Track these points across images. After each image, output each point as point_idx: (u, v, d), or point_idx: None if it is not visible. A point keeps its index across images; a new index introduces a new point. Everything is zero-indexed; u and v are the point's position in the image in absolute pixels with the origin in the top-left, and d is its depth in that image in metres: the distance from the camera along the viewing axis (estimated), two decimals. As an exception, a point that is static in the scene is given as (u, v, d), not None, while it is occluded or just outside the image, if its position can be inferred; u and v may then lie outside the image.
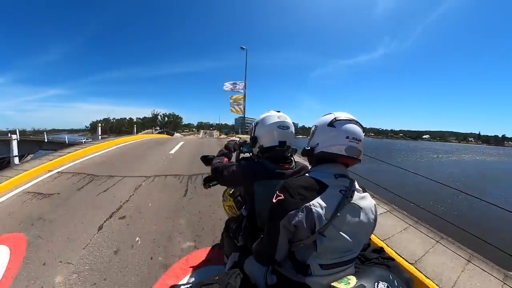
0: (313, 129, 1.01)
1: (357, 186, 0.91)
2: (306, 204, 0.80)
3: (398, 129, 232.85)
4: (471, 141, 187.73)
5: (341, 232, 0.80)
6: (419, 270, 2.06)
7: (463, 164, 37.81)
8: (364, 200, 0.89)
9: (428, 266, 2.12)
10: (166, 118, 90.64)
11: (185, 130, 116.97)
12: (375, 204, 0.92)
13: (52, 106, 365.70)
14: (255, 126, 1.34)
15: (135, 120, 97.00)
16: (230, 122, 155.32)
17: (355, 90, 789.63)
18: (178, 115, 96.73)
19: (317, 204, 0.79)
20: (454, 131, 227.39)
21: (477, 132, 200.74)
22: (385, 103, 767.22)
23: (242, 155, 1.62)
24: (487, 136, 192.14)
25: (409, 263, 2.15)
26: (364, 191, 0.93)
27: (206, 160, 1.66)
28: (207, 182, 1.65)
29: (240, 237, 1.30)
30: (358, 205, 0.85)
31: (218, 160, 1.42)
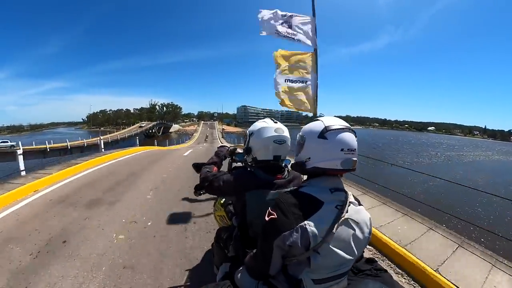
0: (299, 139, 0.92)
1: (352, 198, 0.86)
2: (301, 224, 0.76)
3: (401, 120, 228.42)
4: (477, 134, 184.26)
5: (335, 248, 0.77)
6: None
7: (496, 165, 33.13)
8: (359, 213, 0.84)
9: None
10: (164, 109, 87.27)
11: (185, 120, 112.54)
12: (370, 218, 0.88)
13: (53, 99, 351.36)
14: (249, 136, 1.25)
15: (132, 111, 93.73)
16: (232, 111, 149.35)
17: (357, 79, 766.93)
18: (177, 105, 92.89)
19: (312, 223, 0.75)
20: (457, 123, 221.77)
21: (481, 126, 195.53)
22: (387, 93, 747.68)
23: (234, 164, 1.61)
24: (493, 130, 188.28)
25: None
26: (359, 204, 0.88)
27: (198, 167, 1.61)
28: (198, 189, 1.52)
29: (231, 247, 1.25)
30: (353, 220, 0.81)
31: (207, 169, 1.40)
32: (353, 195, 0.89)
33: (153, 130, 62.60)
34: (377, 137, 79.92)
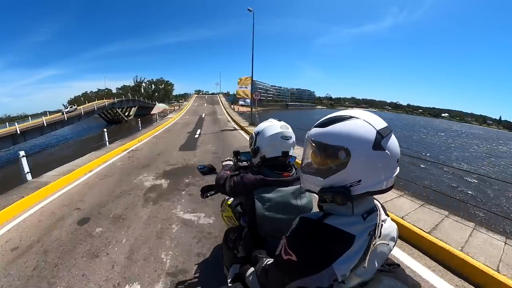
0: (333, 151, 0.63)
1: (383, 214, 0.70)
2: (327, 269, 0.61)
3: (406, 104, 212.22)
4: (491, 124, 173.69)
5: (361, 277, 0.66)
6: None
7: None
8: (389, 229, 0.70)
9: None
10: (152, 86, 67.04)
11: (180, 100, 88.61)
12: (396, 228, 0.74)
13: (47, 87, 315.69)
14: (256, 136, 1.32)
15: (114, 91, 72.52)
16: (232, 90, 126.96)
17: (360, 61, 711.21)
18: (168, 81, 73.49)
19: (342, 265, 0.61)
20: (465, 111, 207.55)
21: (488, 115, 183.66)
22: (388, 77, 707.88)
23: (240, 164, 1.61)
24: (506, 121, 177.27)
25: None
26: (385, 212, 0.73)
27: (207, 171, 1.71)
28: (205, 192, 1.62)
29: (241, 248, 1.28)
30: (385, 243, 0.67)
31: (222, 172, 1.43)
32: (379, 202, 0.73)
33: (119, 112, 39.03)
34: (414, 125, 62.72)
